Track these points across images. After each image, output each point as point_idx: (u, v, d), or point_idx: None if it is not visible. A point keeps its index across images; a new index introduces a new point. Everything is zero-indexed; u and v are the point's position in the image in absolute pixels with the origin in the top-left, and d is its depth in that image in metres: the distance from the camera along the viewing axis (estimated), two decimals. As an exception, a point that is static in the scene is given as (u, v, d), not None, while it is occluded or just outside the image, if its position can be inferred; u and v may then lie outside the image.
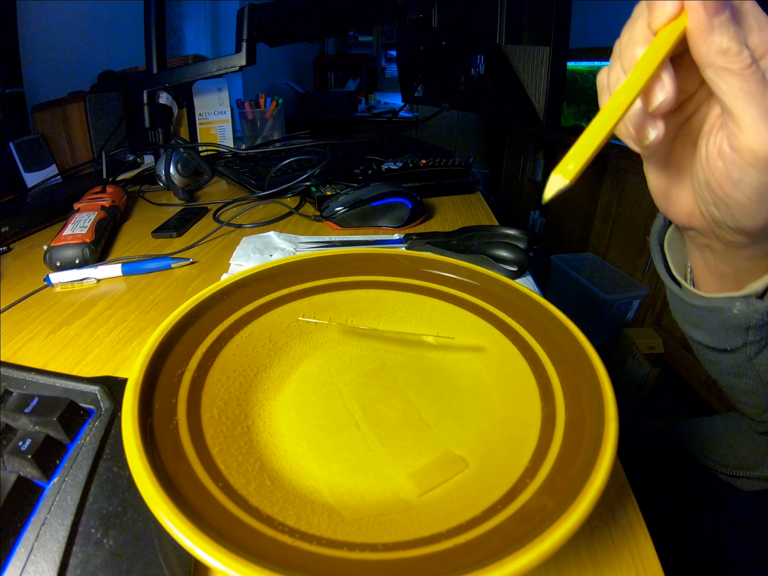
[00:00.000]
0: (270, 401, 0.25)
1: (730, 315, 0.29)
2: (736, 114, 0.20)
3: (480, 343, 0.28)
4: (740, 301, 0.29)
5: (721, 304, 0.29)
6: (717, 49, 0.19)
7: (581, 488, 0.16)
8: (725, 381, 0.35)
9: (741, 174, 0.21)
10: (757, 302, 0.28)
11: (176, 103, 0.85)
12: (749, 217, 0.23)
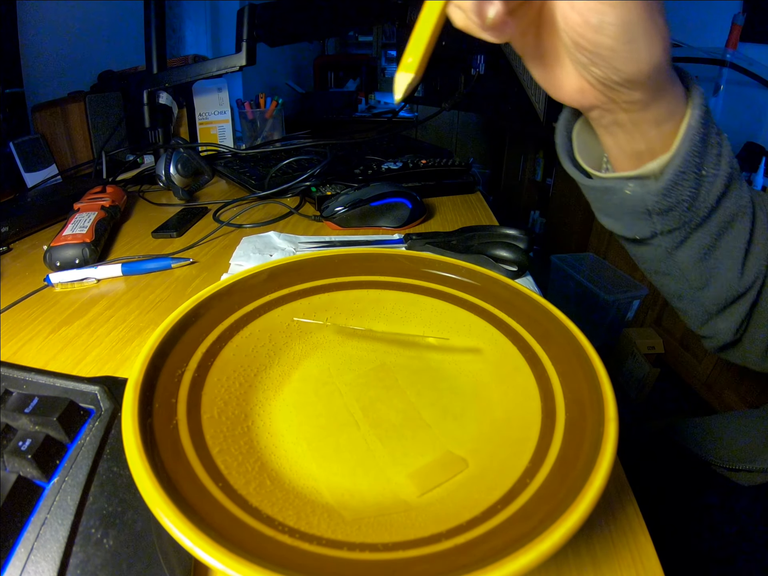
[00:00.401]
0: (270, 401, 0.25)
1: (624, 197, 0.28)
2: None
3: (480, 343, 0.28)
4: (633, 182, 0.28)
5: (613, 185, 0.29)
6: None
7: (581, 488, 0.16)
8: (656, 281, 0.34)
9: (598, 16, 0.21)
10: (650, 183, 0.27)
11: (176, 103, 0.85)
12: (627, 60, 0.22)
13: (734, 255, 0.29)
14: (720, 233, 0.28)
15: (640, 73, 0.23)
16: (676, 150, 0.26)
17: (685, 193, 0.26)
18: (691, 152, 0.25)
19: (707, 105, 0.26)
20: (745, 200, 0.28)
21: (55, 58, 0.85)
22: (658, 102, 0.25)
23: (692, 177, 0.26)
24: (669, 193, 0.26)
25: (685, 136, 0.25)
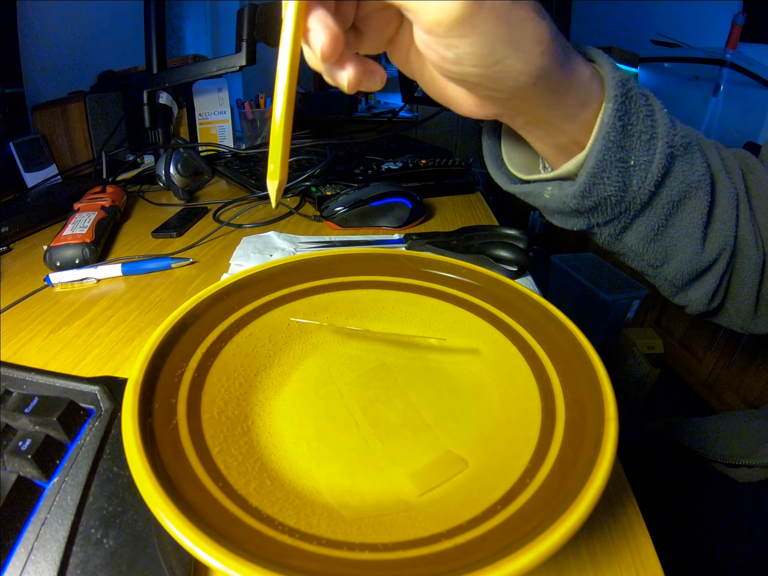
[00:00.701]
0: (270, 401, 0.25)
1: (545, 200, 0.27)
2: (399, 3, 0.19)
3: (480, 343, 0.28)
4: (551, 185, 0.27)
5: (532, 189, 0.28)
6: None
7: (581, 488, 0.16)
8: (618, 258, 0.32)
9: (452, 50, 0.20)
10: (566, 186, 0.26)
11: (176, 103, 0.85)
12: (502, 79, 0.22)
13: (690, 232, 0.27)
14: (669, 213, 0.27)
15: (523, 84, 0.22)
16: (589, 150, 0.25)
17: (608, 190, 0.25)
18: (607, 149, 0.24)
19: (629, 89, 0.24)
20: (697, 174, 0.27)
21: (55, 58, 0.85)
22: (562, 99, 0.24)
23: (615, 172, 0.24)
24: (588, 194, 0.25)
25: (598, 134, 0.24)
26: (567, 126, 0.25)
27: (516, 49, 0.20)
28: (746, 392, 1.16)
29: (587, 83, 0.24)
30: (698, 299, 0.31)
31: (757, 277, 0.30)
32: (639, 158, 0.25)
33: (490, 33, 0.19)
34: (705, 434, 0.51)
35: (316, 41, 0.20)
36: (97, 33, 0.96)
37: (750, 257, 0.29)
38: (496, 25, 0.19)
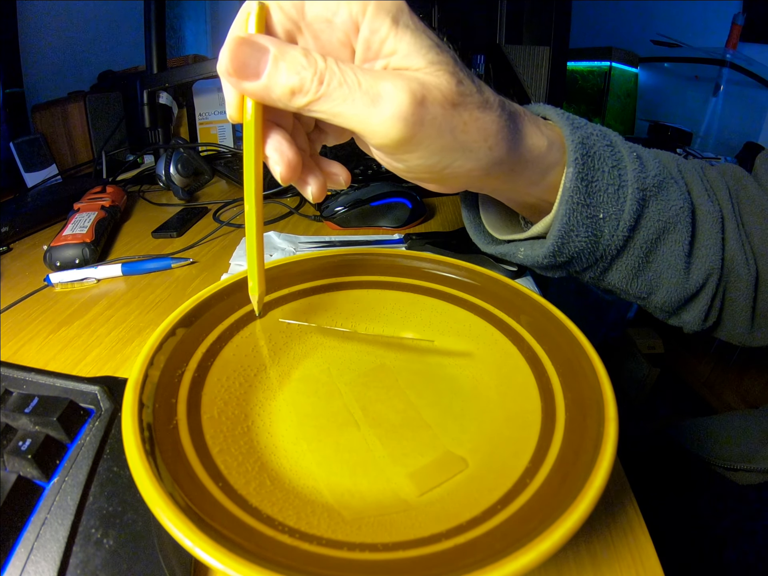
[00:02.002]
0: (270, 401, 0.25)
1: (520, 259, 0.28)
2: (350, 127, 0.20)
3: (480, 343, 0.28)
4: (524, 246, 0.28)
5: (507, 250, 0.29)
6: (286, 98, 0.19)
7: (581, 488, 0.16)
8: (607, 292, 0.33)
9: (402, 163, 0.22)
10: (537, 246, 0.26)
11: (176, 103, 0.85)
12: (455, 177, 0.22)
13: (673, 263, 0.28)
14: (648, 251, 0.27)
15: (476, 176, 0.23)
16: (555, 214, 0.25)
17: (579, 245, 0.25)
18: (572, 211, 0.24)
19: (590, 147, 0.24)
20: (675, 208, 0.27)
21: (55, 58, 0.85)
22: (520, 174, 0.24)
23: (583, 229, 0.25)
24: (559, 252, 0.26)
25: (561, 198, 0.24)
26: (532, 190, 0.26)
27: (463, 151, 0.21)
28: (746, 392, 1.16)
29: (545, 154, 0.24)
30: (692, 321, 0.31)
31: (750, 293, 0.30)
32: (608, 210, 0.25)
33: (435, 145, 0.20)
34: (704, 435, 0.51)
35: (275, 169, 0.22)
36: (97, 33, 0.96)
37: (740, 276, 0.29)
38: (439, 137, 0.20)
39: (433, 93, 0.19)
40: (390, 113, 0.19)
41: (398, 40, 0.19)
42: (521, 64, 0.68)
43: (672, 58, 1.44)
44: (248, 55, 0.19)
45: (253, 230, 0.23)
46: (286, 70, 0.18)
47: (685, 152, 1.24)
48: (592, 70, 1.56)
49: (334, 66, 0.18)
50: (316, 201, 0.24)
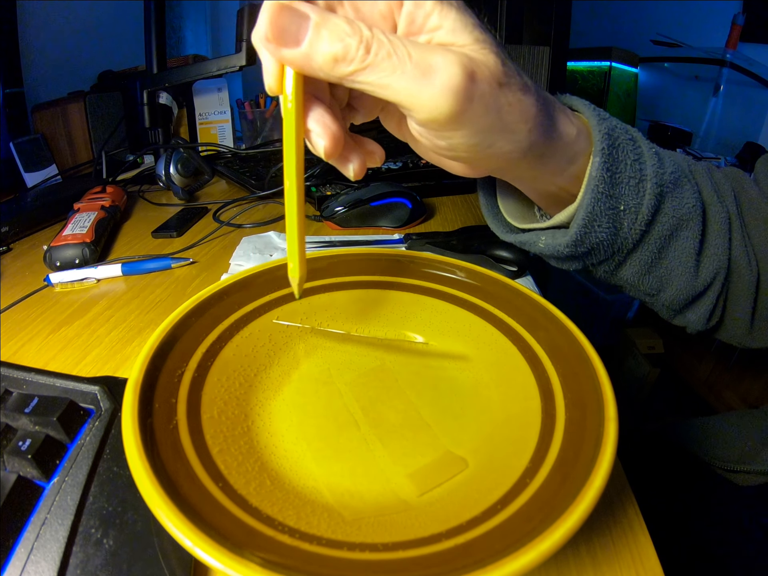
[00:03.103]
0: (270, 401, 0.25)
1: (540, 248, 0.28)
2: (397, 100, 0.19)
3: (480, 343, 0.28)
4: (545, 234, 0.28)
5: (527, 239, 0.29)
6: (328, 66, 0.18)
7: (581, 488, 0.16)
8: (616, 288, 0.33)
9: (445, 140, 0.21)
10: (560, 236, 0.27)
11: (176, 103, 0.85)
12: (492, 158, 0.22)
13: (684, 260, 0.28)
14: (662, 247, 0.28)
15: (512, 159, 0.23)
16: (579, 202, 0.25)
17: (600, 236, 0.26)
18: (597, 200, 0.25)
19: (616, 138, 0.25)
20: (688, 206, 0.27)
21: (55, 58, 0.85)
22: (550, 160, 0.24)
23: (605, 219, 0.25)
24: (581, 242, 0.26)
25: (587, 187, 0.25)
26: (556, 179, 0.26)
27: (505, 132, 0.21)
28: (746, 392, 1.16)
29: (573, 141, 0.24)
30: (696, 320, 0.32)
31: (751, 294, 0.30)
32: (629, 203, 0.25)
33: (480, 124, 0.20)
34: (704, 435, 0.51)
35: (318, 143, 0.21)
36: (97, 33, 0.96)
37: (743, 276, 0.30)
38: (486, 115, 0.20)
39: (482, 70, 0.19)
40: (441, 86, 0.18)
41: (443, 16, 0.19)
42: (521, 64, 0.68)
43: (672, 58, 1.44)
44: (288, 22, 0.18)
45: (294, 208, 0.21)
46: (329, 38, 0.18)
47: (685, 152, 1.24)
48: (592, 70, 1.57)
49: (381, 36, 0.18)
50: (357, 178, 0.24)
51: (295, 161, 0.20)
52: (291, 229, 0.22)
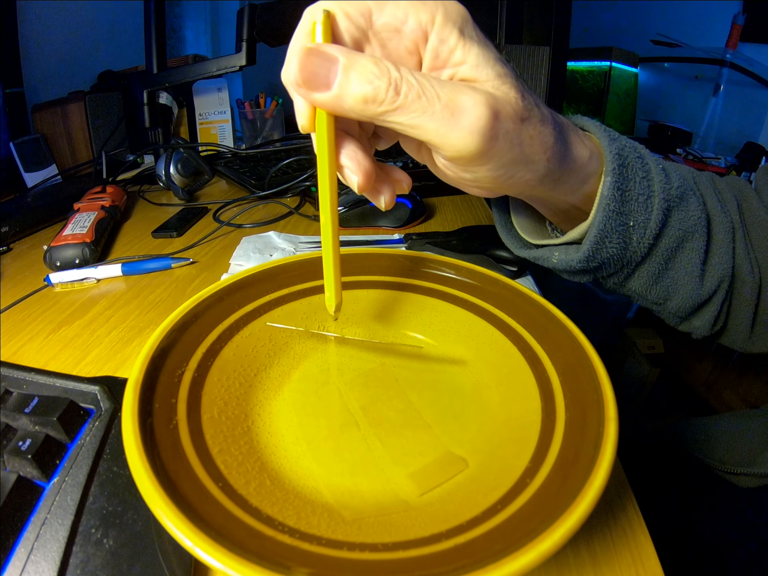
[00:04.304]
0: (270, 401, 0.25)
1: (554, 263, 0.29)
2: (426, 139, 0.19)
3: (480, 343, 0.28)
4: (558, 250, 0.29)
5: (541, 254, 0.30)
6: (358, 107, 0.18)
7: (581, 488, 0.16)
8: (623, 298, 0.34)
9: (470, 174, 0.22)
10: (573, 252, 0.27)
11: (176, 103, 0.85)
12: (513, 187, 0.23)
13: (690, 270, 0.29)
14: (668, 259, 0.28)
15: (531, 186, 0.24)
16: (591, 221, 0.26)
17: (611, 251, 0.26)
18: (608, 218, 0.25)
19: (625, 158, 0.25)
20: (693, 218, 0.28)
21: (55, 58, 0.85)
22: (564, 183, 0.25)
23: (616, 235, 0.26)
24: (593, 257, 0.27)
25: (599, 206, 0.25)
26: (569, 198, 0.27)
27: (526, 164, 0.22)
28: (746, 392, 1.15)
29: (586, 164, 0.25)
30: (702, 326, 0.32)
31: (753, 300, 0.31)
32: (638, 219, 0.26)
33: (505, 158, 0.21)
34: (704, 436, 0.51)
35: (351, 178, 0.22)
36: (97, 33, 0.96)
37: (746, 282, 0.31)
38: (510, 151, 0.21)
39: (506, 108, 0.20)
40: (470, 127, 0.19)
41: (467, 51, 0.19)
42: (521, 64, 0.68)
43: (672, 58, 1.44)
44: (317, 66, 0.18)
45: (330, 241, 0.23)
46: (358, 80, 0.18)
47: (685, 152, 1.24)
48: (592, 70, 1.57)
49: (410, 76, 0.18)
50: (388, 209, 0.25)
51: (329, 197, 0.22)
52: (327, 261, 0.23)
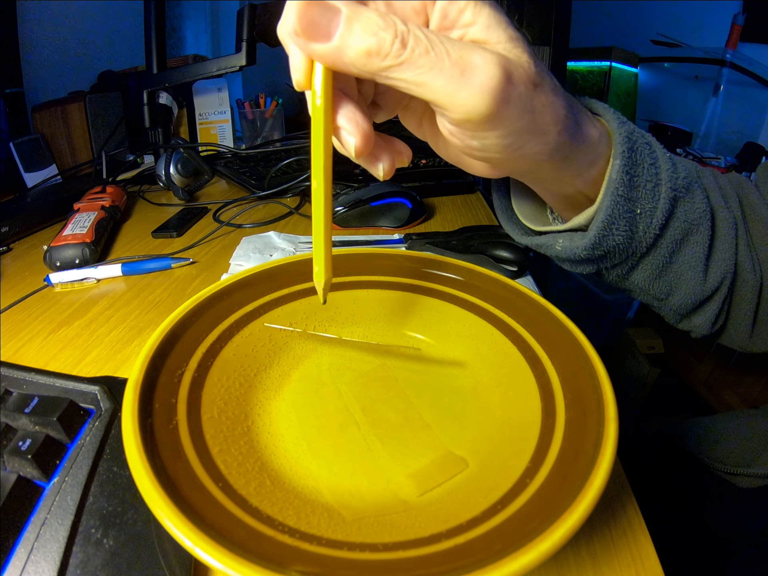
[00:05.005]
0: (270, 401, 0.25)
1: (557, 251, 0.28)
2: (432, 99, 0.18)
3: (480, 343, 0.28)
4: (562, 237, 0.28)
5: (544, 241, 0.29)
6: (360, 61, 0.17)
7: (581, 488, 0.16)
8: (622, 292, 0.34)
9: (478, 140, 0.21)
10: (577, 238, 0.27)
11: (176, 103, 0.85)
12: (520, 159, 0.22)
13: (693, 265, 0.28)
14: (673, 251, 0.28)
15: (539, 160, 0.23)
16: (599, 205, 0.25)
17: (617, 239, 0.26)
18: (616, 203, 0.25)
19: (635, 142, 0.25)
20: (699, 211, 0.27)
21: (55, 58, 0.85)
22: (572, 162, 0.24)
23: (623, 222, 0.25)
24: (599, 245, 0.26)
25: (607, 189, 0.25)
26: (575, 181, 0.26)
27: (537, 134, 0.21)
28: (746, 392, 1.15)
29: (595, 144, 0.24)
30: (702, 324, 0.32)
31: (754, 299, 0.31)
32: (645, 206, 0.26)
33: (515, 125, 0.20)
34: (704, 436, 0.51)
35: (348, 140, 0.20)
36: (97, 33, 0.96)
37: (747, 281, 0.30)
38: (520, 117, 0.20)
39: (518, 71, 0.19)
40: (480, 86, 0.18)
41: (477, 12, 0.18)
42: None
43: (672, 58, 1.45)
44: (318, 15, 0.17)
45: (321, 210, 0.21)
46: (361, 31, 0.17)
47: (685, 152, 1.24)
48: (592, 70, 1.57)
49: (417, 31, 0.17)
50: (386, 178, 0.23)
51: (323, 160, 0.20)
52: (317, 231, 0.21)
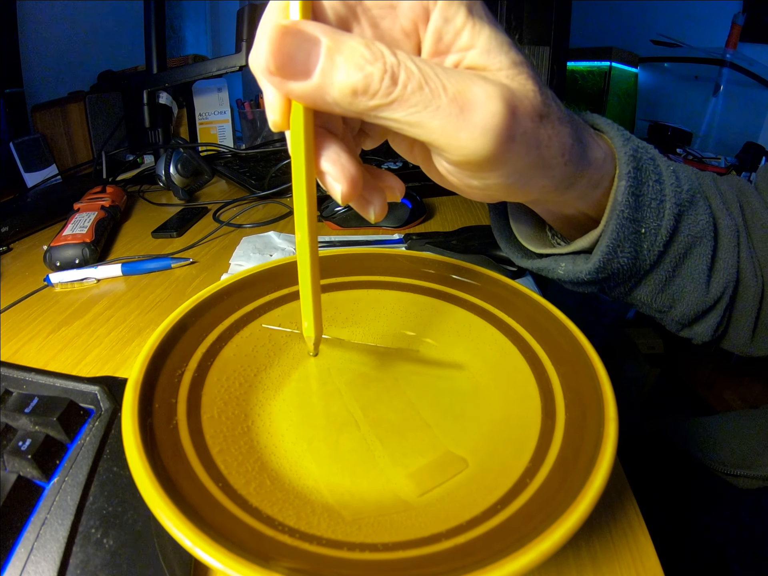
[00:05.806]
0: (270, 401, 0.25)
1: (560, 275, 0.27)
2: (428, 140, 0.16)
3: (480, 343, 0.28)
4: (565, 261, 0.26)
5: (545, 265, 0.28)
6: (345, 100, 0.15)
7: (581, 488, 0.16)
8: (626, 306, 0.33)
9: (479, 181, 0.19)
10: (581, 262, 0.25)
11: (176, 103, 0.85)
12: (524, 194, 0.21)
13: (696, 277, 0.28)
14: (676, 266, 0.27)
15: (543, 194, 0.21)
16: (604, 228, 0.24)
17: (622, 261, 0.25)
18: (621, 226, 0.23)
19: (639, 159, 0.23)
20: (702, 224, 0.27)
21: (55, 58, 0.85)
22: (576, 186, 0.23)
23: (628, 244, 0.24)
24: (603, 268, 0.25)
25: (612, 212, 0.23)
26: (577, 203, 0.24)
27: (543, 168, 0.19)
28: (746, 392, 1.16)
29: (600, 166, 0.23)
30: (704, 332, 0.31)
31: (755, 304, 0.30)
32: (650, 225, 0.24)
33: (520, 163, 0.18)
34: (704, 436, 0.51)
35: (334, 187, 0.18)
36: (97, 33, 0.96)
37: (749, 286, 0.30)
38: (527, 154, 0.18)
39: (523, 103, 0.17)
40: (483, 125, 0.16)
41: (476, 33, 0.16)
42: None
43: (672, 58, 1.44)
44: (294, 48, 0.15)
45: (307, 263, 0.19)
46: (345, 66, 0.14)
47: (685, 152, 1.24)
48: (592, 70, 1.56)
49: (409, 62, 0.15)
50: (378, 221, 0.21)
51: (306, 209, 0.18)
52: (304, 286, 0.20)
